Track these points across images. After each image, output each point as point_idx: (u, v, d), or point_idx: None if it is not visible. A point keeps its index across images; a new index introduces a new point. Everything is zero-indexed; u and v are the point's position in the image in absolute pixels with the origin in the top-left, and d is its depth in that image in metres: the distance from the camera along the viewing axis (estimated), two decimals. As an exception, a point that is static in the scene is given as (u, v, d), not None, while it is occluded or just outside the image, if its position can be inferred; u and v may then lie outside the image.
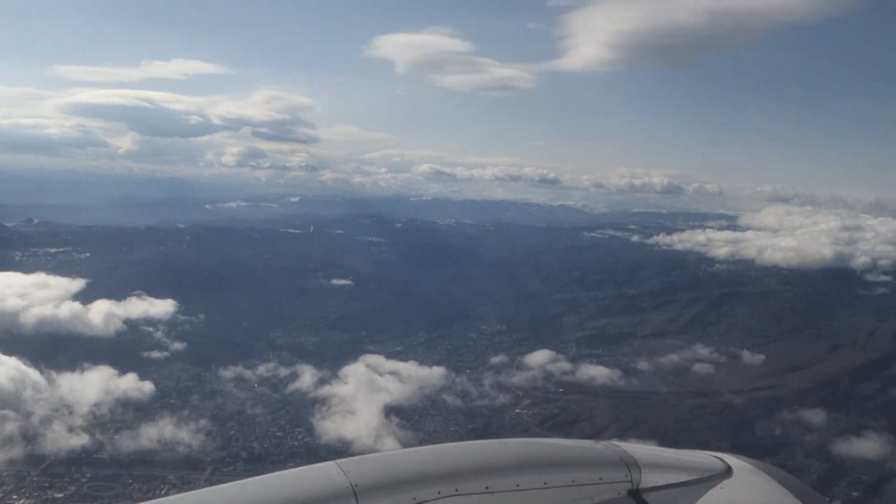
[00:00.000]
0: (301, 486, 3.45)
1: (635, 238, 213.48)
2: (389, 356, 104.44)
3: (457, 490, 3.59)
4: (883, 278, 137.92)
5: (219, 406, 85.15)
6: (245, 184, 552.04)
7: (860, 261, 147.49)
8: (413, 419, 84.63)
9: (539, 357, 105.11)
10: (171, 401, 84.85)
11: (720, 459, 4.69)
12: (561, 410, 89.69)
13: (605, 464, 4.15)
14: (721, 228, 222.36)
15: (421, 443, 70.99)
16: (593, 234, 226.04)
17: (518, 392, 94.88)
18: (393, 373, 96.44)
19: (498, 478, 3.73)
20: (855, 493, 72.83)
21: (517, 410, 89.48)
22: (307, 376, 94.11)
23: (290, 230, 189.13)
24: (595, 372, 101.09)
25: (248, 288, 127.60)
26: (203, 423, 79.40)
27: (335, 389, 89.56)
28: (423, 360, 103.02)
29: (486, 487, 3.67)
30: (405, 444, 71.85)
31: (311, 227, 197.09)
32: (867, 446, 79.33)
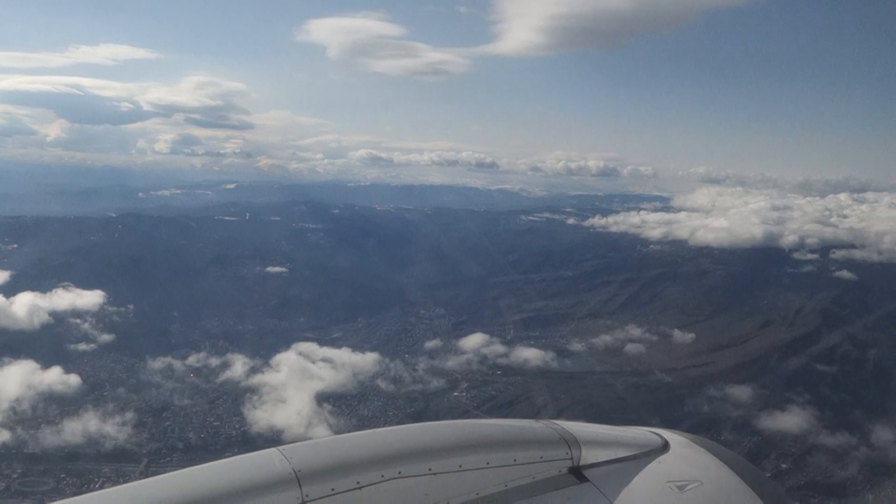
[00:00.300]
0: (243, 473, 3.44)
1: (571, 221, 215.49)
2: (326, 343, 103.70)
3: (400, 472, 3.62)
4: (809, 256, 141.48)
5: (148, 397, 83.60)
6: (179, 171, 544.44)
7: (788, 240, 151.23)
8: (346, 406, 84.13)
9: (474, 340, 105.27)
10: (99, 393, 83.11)
11: (657, 435, 4.81)
12: (499, 392, 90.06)
13: (545, 442, 4.22)
14: (655, 210, 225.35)
15: (354, 429, 70.84)
16: (531, 218, 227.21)
17: (453, 376, 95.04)
18: (326, 360, 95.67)
19: (440, 459, 3.78)
20: (784, 465, 74.61)
21: (455, 394, 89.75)
22: (238, 365, 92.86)
23: (226, 217, 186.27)
24: (529, 354, 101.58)
25: (181, 277, 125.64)
26: (133, 414, 78.10)
27: (267, 378, 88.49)
28: (362, 346, 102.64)
29: (429, 469, 3.71)
30: (338, 431, 71.45)
31: (247, 214, 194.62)
32: (794, 420, 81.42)
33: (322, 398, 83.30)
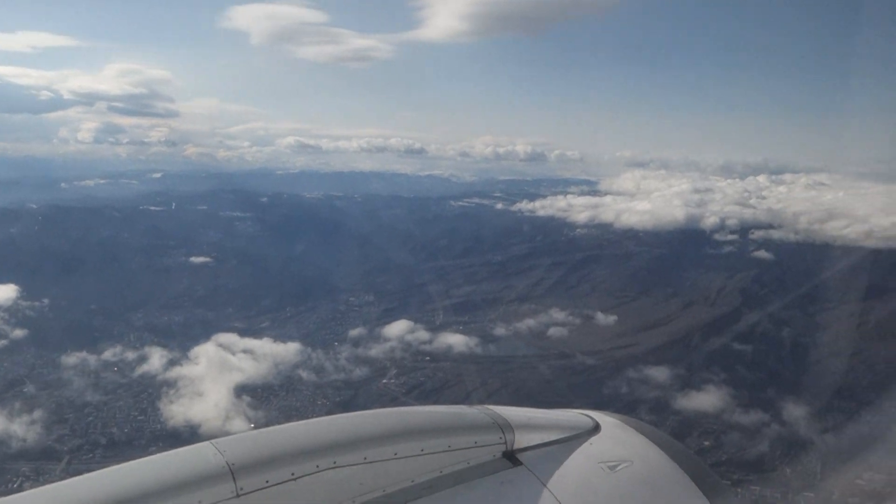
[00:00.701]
0: (176, 468, 3.36)
1: (500, 205, 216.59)
2: (253, 333, 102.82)
3: (335, 462, 3.59)
4: (730, 237, 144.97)
5: (67, 393, 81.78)
6: (104, 161, 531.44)
7: (709, 221, 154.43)
8: (266, 397, 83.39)
9: (400, 327, 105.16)
10: (15, 390, 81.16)
11: (588, 417, 4.86)
12: (427, 378, 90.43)
13: (479, 427, 4.24)
14: (582, 194, 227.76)
15: (274, 421, 70.27)
16: (460, 203, 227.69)
17: (380, 363, 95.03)
18: (247, 351, 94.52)
19: (375, 447, 3.76)
20: (706, 443, 76.40)
21: (384, 381, 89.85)
22: (156, 358, 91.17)
23: (151, 207, 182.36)
24: (456, 340, 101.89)
25: (104, 269, 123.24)
26: (51, 411, 76.26)
27: (186, 371, 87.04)
28: (290, 335, 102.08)
29: (365, 458, 3.70)
30: (256, 424, 70.94)
31: (173, 203, 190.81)
32: (712, 399, 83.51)
33: (241, 390, 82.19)
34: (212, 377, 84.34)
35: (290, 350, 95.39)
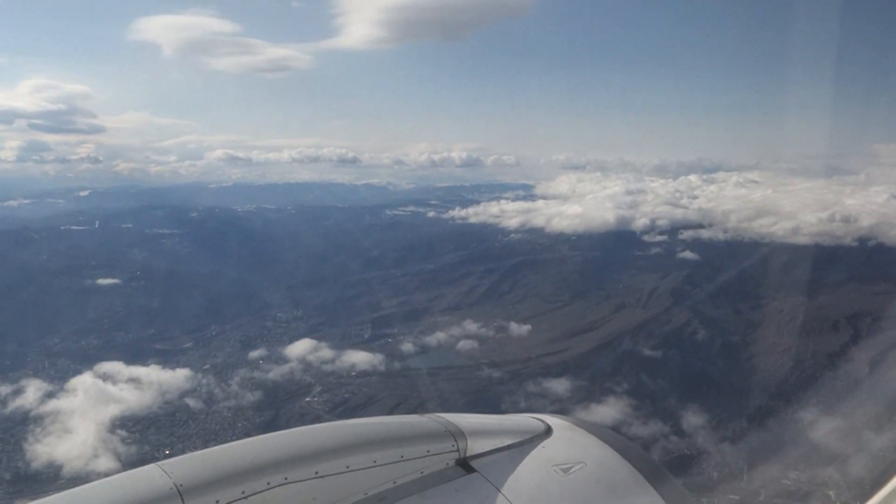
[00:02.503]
0: (122, 492, 3.22)
1: (431, 213, 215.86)
2: (172, 354, 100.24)
3: (286, 478, 3.49)
4: (658, 238, 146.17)
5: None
6: (30, 179, 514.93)
7: (640, 223, 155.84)
8: (146, 430, 79.54)
9: (318, 345, 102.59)
10: None
11: (540, 420, 4.85)
12: (352, 395, 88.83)
13: (431, 436, 4.17)
14: (519, 198, 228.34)
15: (152, 457, 67.51)
16: (395, 212, 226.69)
17: (300, 382, 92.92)
18: (133, 380, 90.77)
19: (327, 461, 3.68)
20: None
21: (308, 399, 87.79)
22: (32, 391, 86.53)
23: (73, 227, 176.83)
24: (379, 354, 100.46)
25: (17, 293, 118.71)
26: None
27: (62, 404, 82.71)
28: (212, 355, 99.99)
29: (316, 472, 3.60)
30: (129, 462, 67.94)
31: (97, 222, 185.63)
32: (625, 404, 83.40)
33: (118, 424, 78.32)
34: (86, 411, 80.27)
35: (178, 377, 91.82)
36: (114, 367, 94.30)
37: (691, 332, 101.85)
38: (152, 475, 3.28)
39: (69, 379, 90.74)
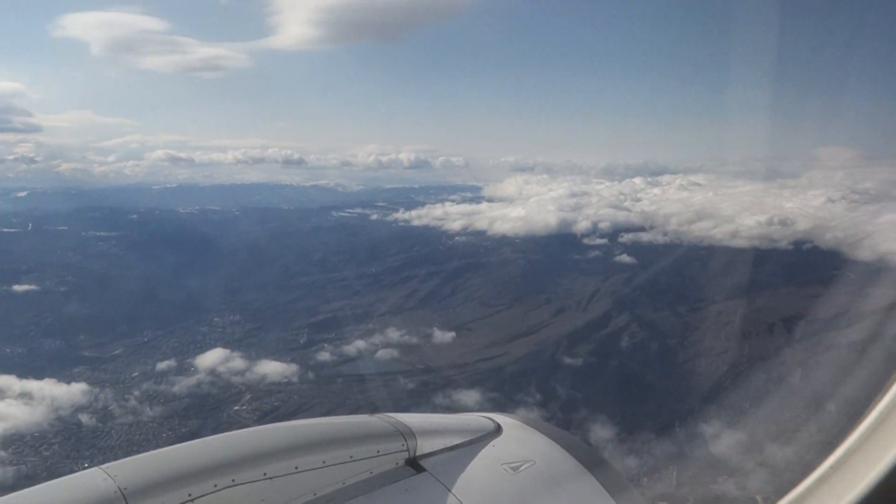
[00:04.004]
0: (65, 497, 3.15)
1: (375, 216, 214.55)
2: (102, 362, 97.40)
3: (233, 480, 3.47)
4: (598, 241, 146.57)
5: None
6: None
7: (581, 225, 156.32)
8: (35, 448, 76.04)
9: (213, 357, 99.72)
10: None
11: (490, 419, 4.87)
12: (282, 402, 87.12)
13: (380, 436, 4.18)
14: (466, 200, 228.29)
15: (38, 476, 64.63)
16: (342, 214, 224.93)
17: (232, 389, 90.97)
18: (25, 394, 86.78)
19: (275, 462, 3.65)
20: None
21: (236, 407, 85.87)
22: None
23: (5, 229, 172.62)
24: (311, 360, 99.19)
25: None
26: None
27: None
28: (144, 360, 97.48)
29: (264, 473, 3.58)
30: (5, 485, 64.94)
31: (30, 224, 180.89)
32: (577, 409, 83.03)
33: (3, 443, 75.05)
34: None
35: (73, 391, 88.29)
36: (6, 381, 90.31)
37: (628, 336, 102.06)
38: (95, 479, 3.19)
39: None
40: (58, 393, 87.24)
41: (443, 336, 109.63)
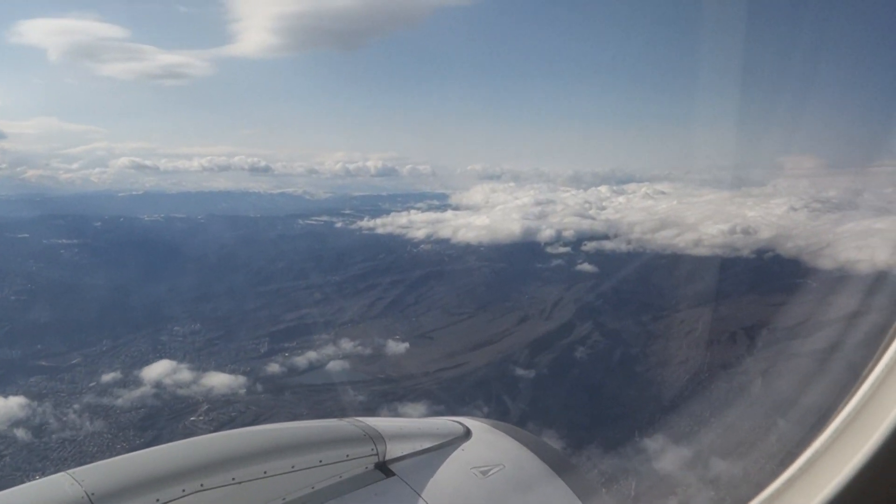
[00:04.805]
0: (30, 502, 3.14)
1: (340, 224, 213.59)
2: (59, 371, 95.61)
3: (202, 485, 3.43)
4: (561, 250, 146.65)
5: None
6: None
7: (545, 234, 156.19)
8: None
9: (158, 369, 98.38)
10: None
11: (459, 423, 4.84)
12: (239, 413, 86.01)
13: (350, 440, 4.16)
14: (432, 208, 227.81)
15: None
16: (308, 222, 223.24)
17: (188, 401, 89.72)
18: None
19: (244, 467, 3.60)
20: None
21: (193, 418, 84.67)
22: None
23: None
24: (271, 370, 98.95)
25: None
26: None
27: None
28: (101, 371, 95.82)
29: (233, 478, 3.55)
30: None
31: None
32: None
33: None
34: None
35: (10, 404, 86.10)
36: None
37: (591, 345, 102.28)
38: (62, 484, 3.15)
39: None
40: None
41: (404, 345, 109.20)
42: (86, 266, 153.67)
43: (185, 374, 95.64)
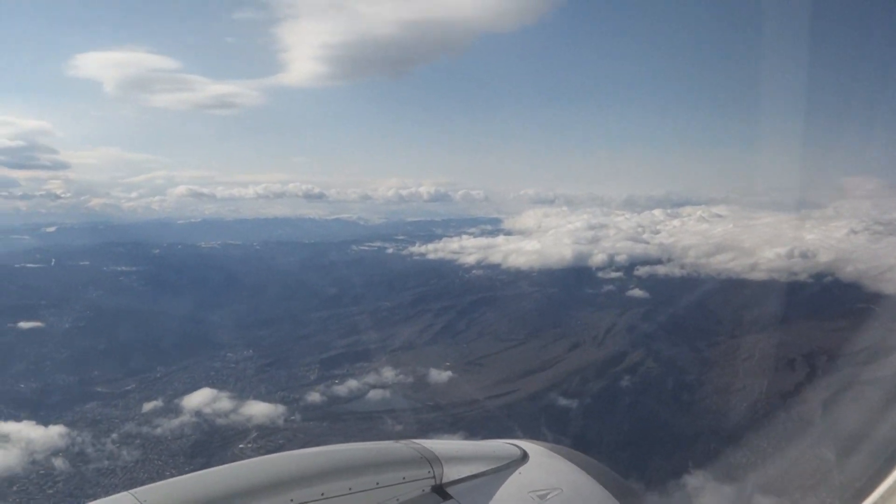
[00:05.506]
0: None
1: (391, 250, 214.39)
2: (114, 398, 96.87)
3: None
4: (613, 275, 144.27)
5: None
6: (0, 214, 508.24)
7: (597, 259, 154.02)
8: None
9: (202, 397, 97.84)
10: None
11: (516, 446, 4.77)
12: (287, 441, 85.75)
13: (407, 463, 4.12)
14: (486, 233, 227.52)
15: None
16: (361, 248, 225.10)
17: (233, 429, 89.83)
18: (1, 437, 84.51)
19: (302, 489, 3.58)
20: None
21: (241, 445, 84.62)
22: None
23: (29, 265, 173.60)
24: (322, 396, 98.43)
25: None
26: None
27: None
28: (152, 397, 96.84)
29: (291, 500, 3.52)
30: None
31: (53, 260, 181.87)
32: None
33: None
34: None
35: (50, 434, 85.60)
36: None
37: (644, 372, 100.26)
38: (124, 503, 3.18)
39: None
40: (35, 435, 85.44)
41: (454, 372, 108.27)
42: (143, 293, 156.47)
43: (228, 403, 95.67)
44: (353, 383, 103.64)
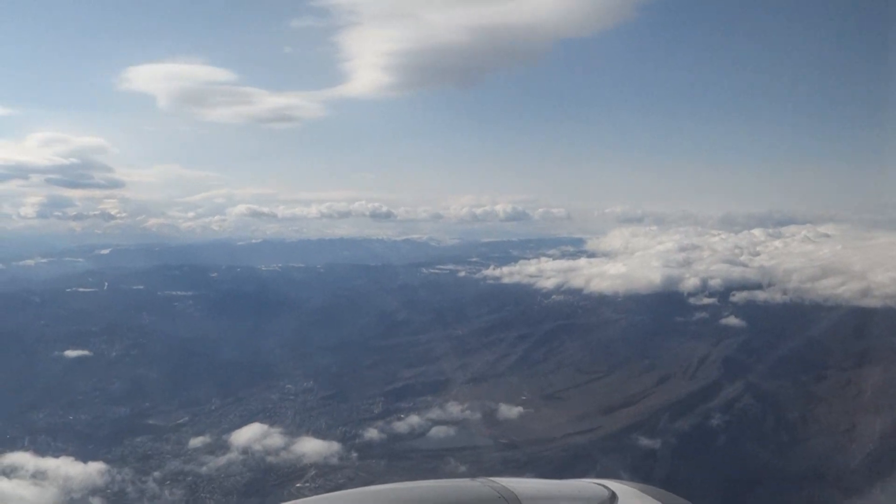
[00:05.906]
0: None
1: (462, 273, 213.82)
2: (166, 431, 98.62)
3: None
4: (706, 301, 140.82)
5: None
6: (54, 236, 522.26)
7: (689, 283, 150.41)
8: None
9: (249, 433, 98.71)
10: None
11: (604, 486, 4.87)
12: (348, 480, 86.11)
13: (483, 502, 4.16)
14: (566, 255, 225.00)
15: None
16: (432, 270, 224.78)
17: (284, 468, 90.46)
18: (40, 473, 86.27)
19: None
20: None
21: (299, 484, 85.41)
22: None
23: (81, 289, 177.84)
24: (387, 432, 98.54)
25: (3, 364, 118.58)
26: None
27: None
28: (202, 431, 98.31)
29: None
30: None
31: (106, 283, 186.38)
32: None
33: None
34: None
35: (90, 471, 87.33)
36: (21, 458, 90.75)
37: (741, 408, 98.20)
38: None
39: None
40: (74, 472, 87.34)
41: (530, 407, 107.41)
42: (198, 319, 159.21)
43: (279, 439, 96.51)
44: (421, 417, 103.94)
